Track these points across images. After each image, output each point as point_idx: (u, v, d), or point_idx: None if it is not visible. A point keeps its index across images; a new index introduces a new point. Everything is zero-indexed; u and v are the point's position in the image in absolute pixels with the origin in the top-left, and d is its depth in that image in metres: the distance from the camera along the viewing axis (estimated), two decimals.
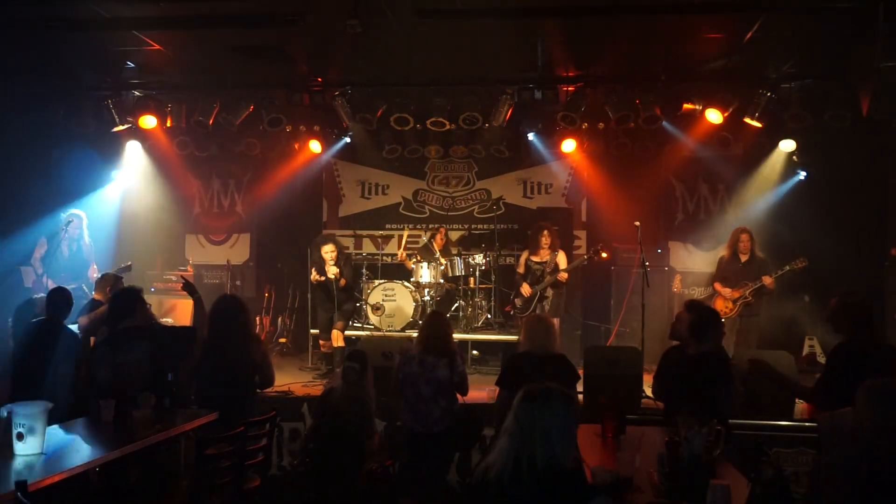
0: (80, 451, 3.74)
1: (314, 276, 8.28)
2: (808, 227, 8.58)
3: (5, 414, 3.59)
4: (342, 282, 8.16)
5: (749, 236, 7.98)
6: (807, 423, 5.84)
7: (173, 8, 6.55)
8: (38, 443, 3.55)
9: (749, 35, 6.98)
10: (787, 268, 7.69)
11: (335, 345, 8.33)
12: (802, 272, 7.68)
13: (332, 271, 8.11)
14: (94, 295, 6.62)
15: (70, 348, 5.14)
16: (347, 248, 10.18)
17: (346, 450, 4.97)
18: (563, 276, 8.26)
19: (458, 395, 5.48)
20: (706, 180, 10.19)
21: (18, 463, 3.40)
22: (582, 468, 2.90)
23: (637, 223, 7.84)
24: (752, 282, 7.79)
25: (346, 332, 8.68)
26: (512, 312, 8.95)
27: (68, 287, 7.41)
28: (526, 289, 8.34)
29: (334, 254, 8.18)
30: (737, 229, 8.14)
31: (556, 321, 8.23)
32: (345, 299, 8.36)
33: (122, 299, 4.86)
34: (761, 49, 7.36)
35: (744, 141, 9.04)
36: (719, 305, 7.92)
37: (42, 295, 7.03)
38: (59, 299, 5.44)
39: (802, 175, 9.27)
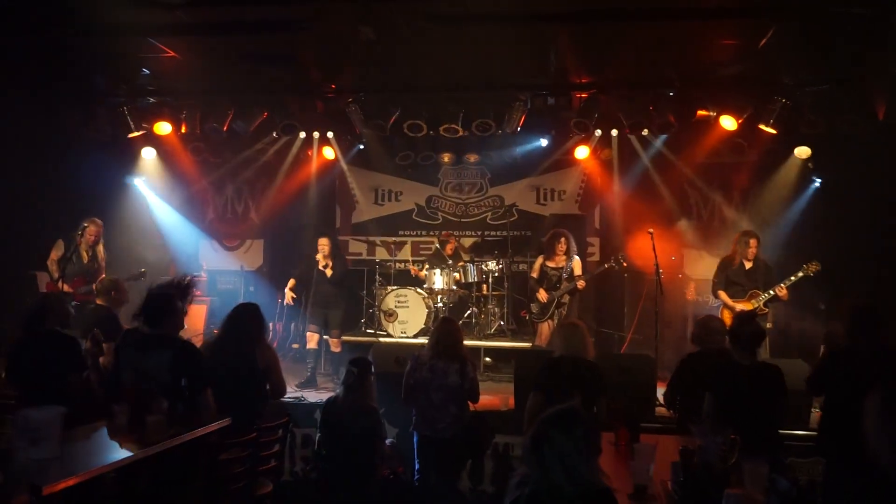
0: (94, 455, 3.75)
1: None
2: (822, 234, 8.51)
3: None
4: (328, 272, 8.23)
5: (758, 241, 7.52)
6: None
7: (188, 15, 6.60)
8: (53, 447, 3.57)
9: (763, 41, 6.94)
10: (801, 274, 7.28)
11: (333, 350, 8.44)
12: (816, 279, 7.49)
13: (327, 269, 8.24)
14: (97, 300, 6.62)
15: (71, 354, 5.11)
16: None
17: (357, 458, 4.96)
18: (581, 283, 8.20)
19: (470, 403, 5.45)
20: (720, 187, 10.13)
21: (33, 467, 3.41)
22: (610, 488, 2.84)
23: (651, 230, 7.78)
24: (762, 290, 7.36)
25: (359, 338, 8.71)
26: (528, 318, 8.91)
27: (80, 292, 7.50)
28: (543, 294, 8.28)
29: (327, 248, 8.30)
30: (745, 233, 7.65)
31: None
32: (335, 300, 8.37)
33: (158, 303, 4.82)
34: (776, 55, 7.31)
35: (758, 147, 9.00)
36: (728, 318, 7.21)
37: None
38: (57, 306, 5.44)
39: (817, 182, 9.21)
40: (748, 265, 7.50)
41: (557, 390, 4.91)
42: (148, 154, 9.92)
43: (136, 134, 9.01)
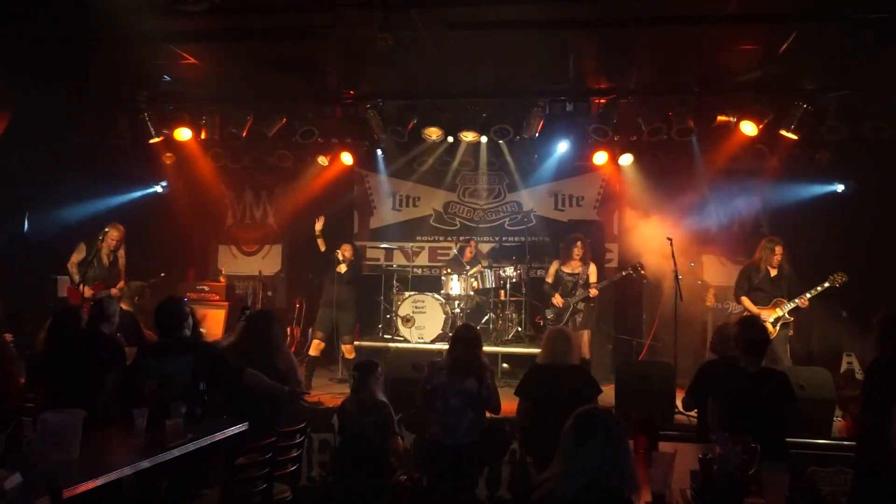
0: (114, 459, 3.77)
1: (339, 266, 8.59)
2: (844, 241, 8.42)
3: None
4: (342, 267, 8.48)
5: (783, 249, 7.41)
6: (845, 442, 5.71)
7: (208, 22, 6.64)
8: (73, 450, 3.60)
9: (785, 46, 6.88)
10: (827, 284, 7.16)
11: (348, 357, 8.53)
12: (839, 287, 7.37)
13: (342, 265, 8.48)
14: (121, 305, 6.67)
15: (116, 355, 5.15)
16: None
17: (372, 459, 4.97)
18: (594, 292, 8.15)
19: (490, 413, 5.42)
20: (741, 192, 10.04)
21: (53, 470, 3.44)
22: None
23: (670, 237, 7.73)
24: (786, 299, 7.24)
25: (375, 344, 8.73)
26: (542, 324, 8.86)
27: (100, 295, 7.58)
28: (558, 299, 8.23)
29: (349, 252, 8.59)
30: (770, 240, 7.53)
31: (587, 333, 8.16)
32: (346, 303, 8.44)
33: (170, 311, 4.85)
34: (797, 60, 7.24)
35: (779, 153, 8.91)
36: None
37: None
38: (110, 312, 5.52)
39: (840, 188, 9.11)
40: (773, 272, 7.41)
41: (542, 397, 5.08)
42: (168, 160, 10.00)
43: (156, 140, 9.08)
